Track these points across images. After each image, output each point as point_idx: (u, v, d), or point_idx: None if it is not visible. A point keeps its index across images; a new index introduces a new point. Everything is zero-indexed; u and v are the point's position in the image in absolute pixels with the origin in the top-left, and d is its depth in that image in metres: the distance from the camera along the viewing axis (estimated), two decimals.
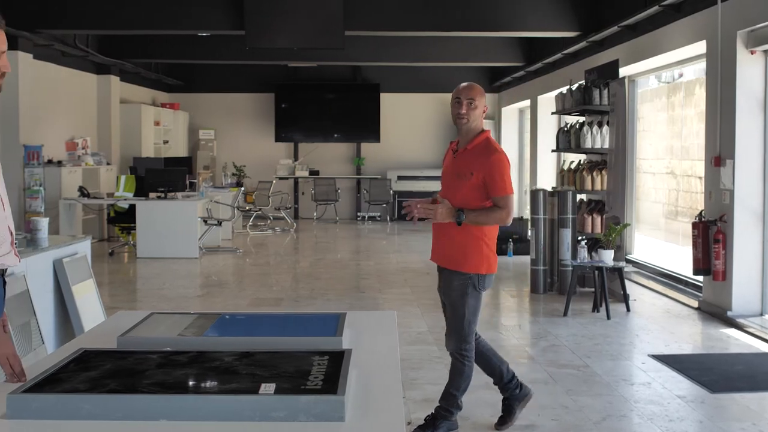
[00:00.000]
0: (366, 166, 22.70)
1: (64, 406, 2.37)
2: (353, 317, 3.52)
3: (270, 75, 22.10)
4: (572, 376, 6.93)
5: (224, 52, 17.99)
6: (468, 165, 5.22)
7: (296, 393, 2.33)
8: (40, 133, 14.72)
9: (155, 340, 3.10)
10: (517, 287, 11.53)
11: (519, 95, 19.83)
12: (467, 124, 5.32)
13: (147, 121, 19.33)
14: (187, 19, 13.97)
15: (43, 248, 6.31)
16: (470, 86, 5.40)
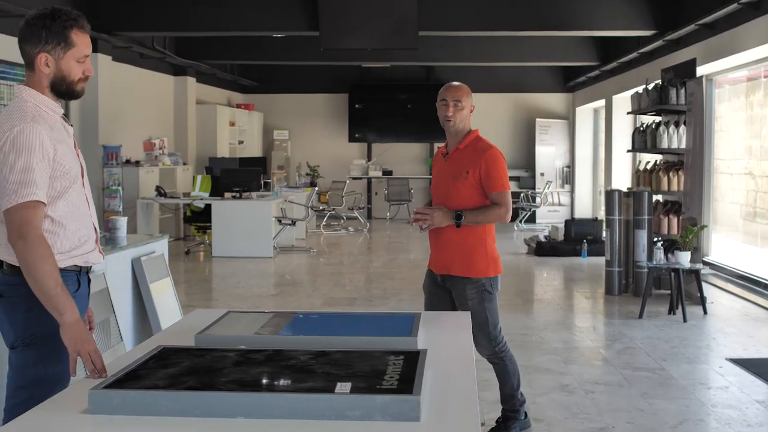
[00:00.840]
0: None
1: (143, 402, 2.40)
2: (427, 317, 3.52)
3: (343, 75, 22.18)
4: (648, 379, 6.85)
5: (298, 53, 18.10)
6: (462, 165, 5.10)
7: (372, 392, 2.34)
8: (118, 133, 14.97)
9: (232, 339, 3.14)
10: (592, 288, 11.42)
11: (594, 95, 19.64)
12: (455, 125, 5.17)
13: (222, 122, 19.54)
14: (262, 21, 14.09)
15: (121, 247, 6.41)
16: (456, 87, 5.25)
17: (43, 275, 2.98)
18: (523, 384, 6.57)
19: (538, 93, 22.41)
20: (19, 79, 11.34)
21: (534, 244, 15.04)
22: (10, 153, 3.03)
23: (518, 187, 21.69)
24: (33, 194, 3.02)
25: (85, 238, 3.27)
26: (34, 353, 3.15)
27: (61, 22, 3.20)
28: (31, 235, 2.99)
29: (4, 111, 3.19)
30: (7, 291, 3.17)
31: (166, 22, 14.12)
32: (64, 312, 3.00)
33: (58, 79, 3.22)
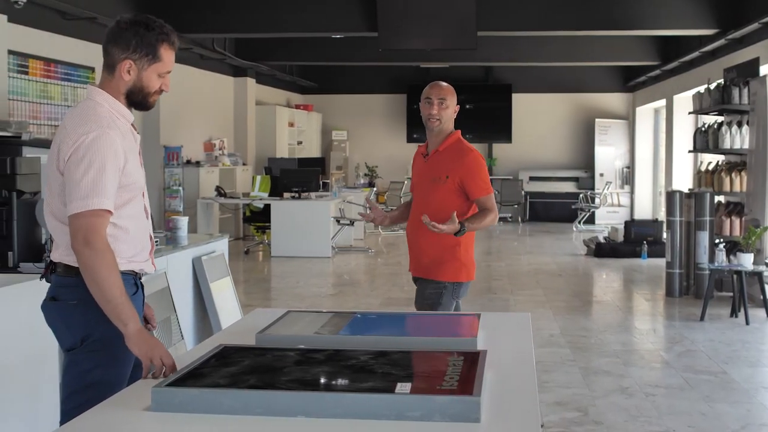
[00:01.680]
0: (498, 167, 22.59)
1: (205, 400, 2.42)
2: (487, 318, 3.51)
3: (402, 76, 22.19)
4: (709, 382, 6.77)
5: (357, 54, 18.14)
6: (442, 168, 4.96)
7: (432, 393, 2.34)
8: (179, 134, 15.14)
9: (293, 338, 3.16)
10: (651, 290, 11.31)
11: (654, 95, 19.44)
12: (439, 125, 4.99)
13: (281, 123, 19.66)
14: (321, 22, 14.17)
15: (182, 246, 6.48)
16: (441, 85, 5.05)
17: (108, 284, 2.97)
18: (582, 386, 6.54)
19: (597, 93, 22.22)
20: (83, 81, 11.51)
21: (593, 245, 14.93)
22: (83, 158, 3.00)
23: (577, 187, 21.56)
24: (103, 203, 3.00)
25: (141, 248, 3.26)
26: (91, 357, 3.12)
27: (154, 34, 3.16)
28: (98, 244, 2.97)
29: (77, 112, 3.16)
30: (63, 294, 3.15)
31: (227, 23, 14.25)
32: (128, 322, 2.98)
33: (136, 89, 3.20)
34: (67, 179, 3.03)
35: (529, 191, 21.81)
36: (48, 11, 10.96)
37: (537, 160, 22.39)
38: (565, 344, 8.01)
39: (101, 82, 3.25)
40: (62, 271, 3.15)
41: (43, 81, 10.95)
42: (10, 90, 10.18)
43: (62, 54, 11.26)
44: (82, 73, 11.56)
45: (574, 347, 7.93)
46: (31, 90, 10.72)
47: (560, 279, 12.29)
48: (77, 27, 11.41)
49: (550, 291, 11.12)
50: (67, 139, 3.06)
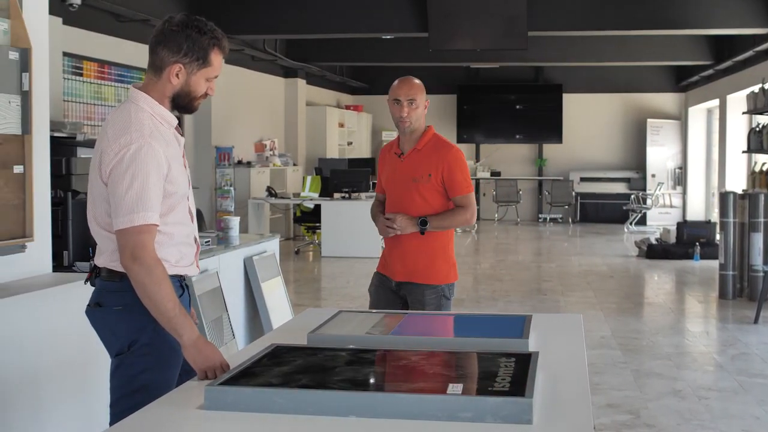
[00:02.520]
0: (548, 167, 22.49)
1: (258, 399, 2.43)
2: (538, 320, 3.49)
3: (452, 76, 22.13)
4: (763, 386, 6.68)
5: (407, 55, 18.12)
6: (423, 166, 4.75)
7: (484, 394, 2.34)
8: (230, 134, 15.23)
9: (344, 338, 3.16)
10: (704, 292, 11.19)
11: (707, 94, 19.22)
12: (410, 126, 4.78)
13: (332, 123, 19.71)
14: (371, 23, 14.18)
15: (234, 246, 6.52)
16: (409, 84, 4.80)
17: (161, 298, 2.94)
18: (634, 388, 6.49)
19: (649, 93, 22.02)
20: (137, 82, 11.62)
21: (645, 246, 14.80)
22: (127, 171, 2.96)
23: (628, 188, 21.38)
24: (148, 217, 2.96)
25: (186, 252, 3.24)
26: (139, 361, 3.11)
27: (207, 38, 3.11)
28: (146, 259, 2.95)
29: (118, 117, 3.10)
30: (107, 299, 3.14)
31: (278, 25, 14.31)
32: (183, 333, 2.96)
33: (183, 93, 3.15)
34: (111, 193, 3.00)
35: (579, 192, 21.67)
36: (102, 13, 11.09)
37: (588, 161, 22.24)
38: (616, 346, 7.95)
39: (145, 83, 3.19)
40: (106, 276, 3.14)
41: (97, 82, 11.08)
42: (64, 91, 10.31)
43: (116, 56, 11.38)
44: (135, 74, 11.67)
45: (626, 349, 7.87)
46: (85, 91, 10.85)
47: (611, 280, 12.20)
48: (130, 29, 11.53)
49: (601, 292, 11.05)
50: (108, 150, 3.01)
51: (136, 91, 3.18)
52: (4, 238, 4.18)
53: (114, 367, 3.17)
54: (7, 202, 4.18)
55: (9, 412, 3.89)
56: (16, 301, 3.97)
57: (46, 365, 4.15)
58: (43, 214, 4.62)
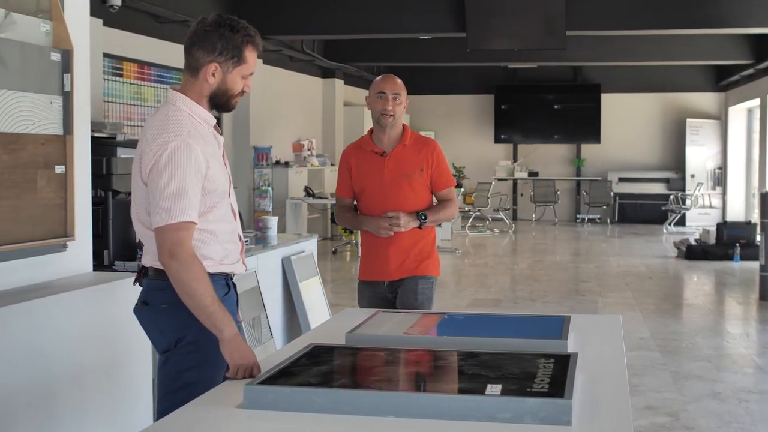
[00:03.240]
0: (586, 168, 22.38)
1: (296, 398, 2.44)
2: (576, 320, 3.47)
3: (489, 76, 22.10)
4: None
5: (444, 55, 18.12)
6: (414, 162, 4.74)
7: (523, 395, 2.33)
8: (268, 135, 15.29)
9: (382, 338, 3.16)
10: (744, 294, 11.09)
11: (747, 94, 19.05)
12: (392, 121, 4.74)
13: (369, 123, 19.50)
14: (409, 23, 14.18)
15: (272, 246, 6.54)
16: (393, 80, 4.79)
17: (199, 294, 2.97)
18: (673, 390, 6.45)
19: (688, 92, 21.85)
20: (175, 83, 11.70)
21: (684, 247, 14.69)
22: (165, 170, 2.99)
23: (667, 189, 21.23)
24: (186, 215, 2.99)
25: (230, 249, 3.26)
26: (186, 358, 3.14)
27: (240, 36, 3.14)
28: (183, 256, 2.97)
29: (156, 119, 3.14)
30: (153, 298, 3.18)
31: (316, 25, 14.35)
32: (223, 328, 2.98)
33: (220, 91, 3.18)
34: (150, 191, 3.03)
35: (618, 192, 21.55)
36: (141, 15, 11.17)
37: (626, 161, 22.10)
38: (655, 348, 7.90)
39: (183, 84, 3.22)
40: (153, 275, 3.18)
41: (136, 83, 11.17)
42: (105, 92, 10.40)
43: (155, 56, 11.47)
44: (174, 75, 11.75)
45: (665, 351, 7.82)
46: (125, 92, 10.94)
47: (650, 281, 12.13)
48: (170, 30, 11.60)
49: (640, 293, 10.98)
50: (147, 149, 3.05)
51: (173, 92, 3.22)
52: (45, 237, 4.22)
53: (161, 364, 3.21)
54: (49, 202, 4.23)
55: (52, 410, 3.93)
56: (57, 299, 4.01)
57: (88, 363, 4.19)
58: (83, 213, 4.66)
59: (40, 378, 3.85)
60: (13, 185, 3.97)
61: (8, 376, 3.65)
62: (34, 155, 4.11)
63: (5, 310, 3.67)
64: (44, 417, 3.89)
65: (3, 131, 3.89)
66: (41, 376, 3.86)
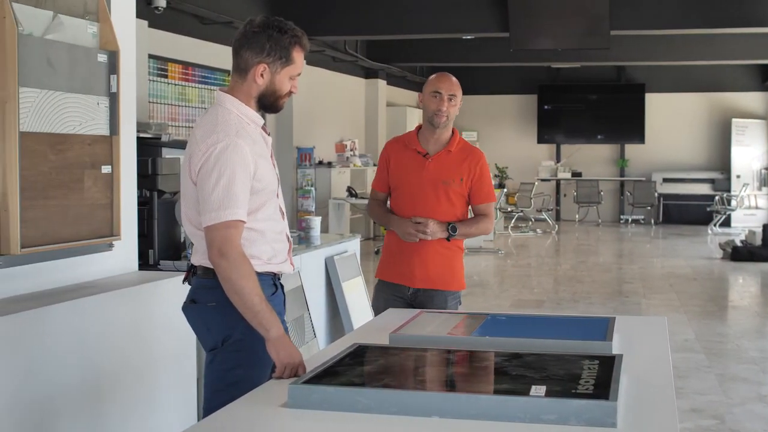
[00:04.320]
0: (630, 168, 22.23)
1: (341, 398, 2.44)
2: (621, 322, 3.45)
3: (532, 76, 22.02)
4: None
5: (487, 55, 18.07)
6: (455, 170, 4.54)
7: (567, 396, 2.32)
8: (311, 135, 15.34)
9: (426, 338, 3.17)
10: None
11: None
12: (446, 122, 4.56)
13: (412, 124, 19.70)
14: (452, 23, 14.16)
15: (315, 246, 6.56)
16: (450, 79, 4.64)
17: (247, 293, 2.99)
18: (718, 393, 6.39)
19: (734, 92, 21.62)
20: (219, 83, 11.78)
21: (729, 248, 14.54)
22: (213, 169, 3.02)
23: (712, 189, 21.02)
24: (235, 214, 3.01)
25: (278, 249, 3.28)
26: (233, 356, 3.17)
27: (287, 37, 3.16)
28: (233, 254, 3.00)
29: (205, 120, 3.18)
30: (202, 296, 3.21)
31: (358, 25, 14.38)
32: (270, 328, 3.00)
33: (268, 92, 3.21)
34: (200, 190, 3.07)
35: (662, 193, 21.37)
36: (186, 16, 11.25)
37: (671, 161, 21.92)
38: (700, 350, 7.83)
39: (231, 86, 3.26)
40: (201, 273, 3.21)
41: (181, 84, 11.25)
42: (150, 93, 10.49)
43: (199, 57, 11.55)
44: (218, 76, 11.83)
45: (710, 353, 7.75)
46: (170, 93, 11.03)
47: (695, 283, 12.02)
48: (214, 31, 11.68)
49: (685, 295, 10.88)
50: (197, 150, 3.09)
51: (222, 94, 3.25)
52: (92, 236, 4.26)
53: (208, 362, 3.25)
54: (96, 202, 4.27)
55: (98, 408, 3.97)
56: (103, 298, 4.05)
57: (133, 361, 4.23)
58: (129, 213, 4.70)
59: (86, 376, 3.89)
60: (61, 185, 4.02)
61: (55, 374, 3.69)
62: (81, 155, 4.15)
63: (53, 308, 3.72)
64: (90, 414, 3.93)
65: (51, 132, 3.94)
66: (87, 374, 3.90)
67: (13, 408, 3.48)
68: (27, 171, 3.79)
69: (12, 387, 3.47)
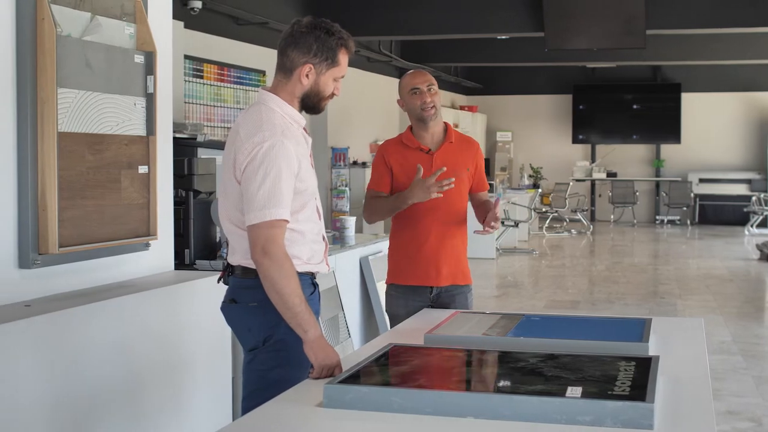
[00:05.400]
0: (666, 168, 22.08)
1: (376, 398, 2.45)
2: (657, 323, 3.44)
3: (567, 76, 21.93)
4: None
5: (522, 55, 18.01)
6: (461, 160, 4.50)
7: (603, 398, 2.31)
8: (346, 135, 15.37)
9: (461, 339, 3.17)
10: None
11: None
12: (436, 113, 4.46)
13: None
14: (487, 23, 14.12)
15: (350, 246, 6.57)
16: (423, 72, 4.57)
17: (288, 293, 2.99)
18: (755, 395, 6.34)
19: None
20: (254, 84, 11.82)
21: (766, 249, 14.41)
22: (260, 168, 3.03)
23: (749, 190, 20.84)
24: (280, 213, 3.02)
25: (316, 249, 3.29)
26: (272, 357, 3.18)
27: (334, 38, 3.19)
28: (276, 253, 3.01)
29: (249, 118, 3.18)
30: (242, 296, 3.21)
31: (393, 26, 14.37)
32: (308, 329, 3.00)
33: (312, 93, 3.22)
34: (244, 189, 3.07)
35: (698, 193, 21.21)
36: (221, 17, 11.30)
37: (707, 162, 21.75)
38: (737, 351, 7.77)
39: (275, 85, 3.26)
40: (241, 274, 3.21)
41: (216, 84, 11.29)
42: (185, 93, 10.54)
43: (235, 58, 11.59)
44: (253, 76, 11.87)
45: (747, 355, 7.68)
46: (206, 93, 11.08)
47: (731, 284, 11.92)
48: (249, 32, 11.72)
49: (721, 296, 10.80)
50: (242, 148, 3.09)
51: (265, 92, 3.26)
52: (129, 236, 4.30)
53: (248, 361, 3.25)
54: (133, 202, 4.30)
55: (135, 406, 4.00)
56: (140, 297, 4.09)
57: (169, 360, 4.26)
58: (166, 213, 4.73)
59: (122, 374, 3.92)
60: (98, 185, 4.05)
61: (93, 372, 3.72)
62: (118, 156, 4.19)
63: (90, 307, 3.75)
64: (126, 412, 3.97)
65: (88, 132, 3.98)
66: (124, 373, 3.93)
67: (52, 405, 3.51)
68: (65, 171, 3.83)
69: (50, 385, 3.50)
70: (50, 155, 3.75)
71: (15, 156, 3.73)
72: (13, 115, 3.71)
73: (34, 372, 3.44)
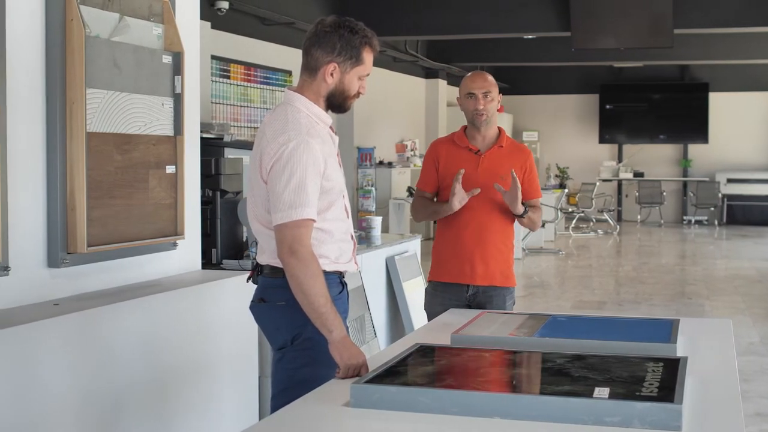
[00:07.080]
0: (693, 168, 21.95)
1: (402, 397, 2.45)
2: (685, 324, 3.42)
3: (594, 76, 21.84)
4: None
5: (548, 54, 17.96)
6: (509, 164, 4.47)
7: (631, 399, 2.30)
8: (372, 135, 15.38)
9: (488, 339, 3.16)
10: None
11: None
12: (486, 120, 4.52)
13: None
14: (513, 23, 14.09)
15: (376, 246, 6.58)
16: (483, 77, 4.59)
17: (314, 293, 3.00)
18: None
19: None
20: (281, 84, 11.85)
21: None
22: (285, 168, 3.04)
23: None
24: (306, 212, 3.03)
25: (344, 248, 3.30)
26: (301, 355, 3.19)
27: (358, 37, 3.20)
28: (303, 253, 3.02)
29: (276, 119, 3.19)
30: (271, 295, 3.22)
31: (419, 26, 14.36)
32: (333, 330, 3.01)
33: (337, 92, 3.23)
34: (271, 189, 3.08)
35: (726, 194, 21.06)
36: (248, 17, 11.34)
37: (735, 161, 21.60)
38: (765, 353, 7.72)
39: (300, 85, 3.27)
40: (269, 273, 3.22)
41: (243, 85, 11.34)
42: (212, 94, 10.59)
43: (261, 58, 11.63)
44: (280, 76, 11.90)
45: None
46: (232, 93, 11.12)
47: (760, 285, 11.84)
48: (276, 32, 11.75)
49: (749, 297, 10.73)
50: (268, 148, 3.10)
51: (291, 92, 3.26)
52: (156, 235, 4.32)
53: (276, 360, 3.26)
54: (160, 201, 4.32)
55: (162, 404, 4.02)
56: (168, 296, 4.11)
57: (196, 359, 4.28)
58: (193, 212, 4.75)
59: (150, 372, 3.94)
60: (126, 185, 4.08)
61: (121, 371, 3.74)
62: (146, 155, 4.21)
63: (118, 306, 3.78)
64: (154, 410, 3.99)
65: (116, 132, 4.00)
66: (152, 371, 3.95)
67: (79, 403, 3.54)
68: (93, 171, 3.85)
69: (77, 383, 3.53)
70: (79, 155, 3.78)
71: (44, 156, 3.76)
72: (43, 115, 3.75)
73: (62, 370, 3.46)
